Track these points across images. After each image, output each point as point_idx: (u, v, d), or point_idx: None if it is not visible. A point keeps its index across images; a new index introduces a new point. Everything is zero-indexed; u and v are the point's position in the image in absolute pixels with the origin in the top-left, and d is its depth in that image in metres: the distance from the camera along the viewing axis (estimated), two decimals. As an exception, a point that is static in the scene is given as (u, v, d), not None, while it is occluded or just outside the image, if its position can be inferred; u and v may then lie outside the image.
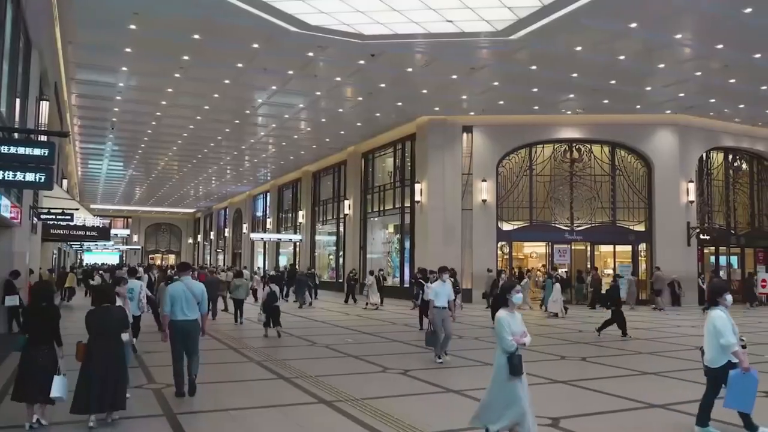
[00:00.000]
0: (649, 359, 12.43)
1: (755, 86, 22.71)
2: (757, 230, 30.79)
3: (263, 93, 24.38)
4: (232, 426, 7.28)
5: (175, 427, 7.13)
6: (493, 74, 21.88)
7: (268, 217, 51.96)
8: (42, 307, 7.21)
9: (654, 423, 7.66)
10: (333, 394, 8.73)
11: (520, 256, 31.08)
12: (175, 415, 7.60)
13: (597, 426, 7.36)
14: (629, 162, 28.15)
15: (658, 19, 16.88)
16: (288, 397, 8.69)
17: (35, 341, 7.00)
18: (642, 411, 8.10)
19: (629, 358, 12.76)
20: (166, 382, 9.26)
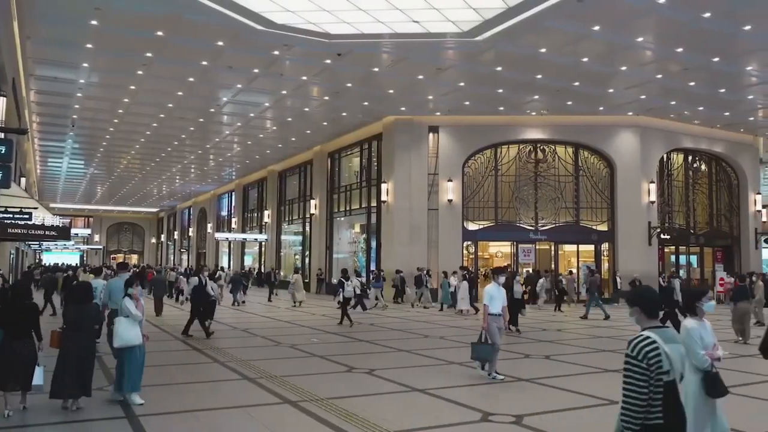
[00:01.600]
0: (612, 357, 12.63)
1: (713, 89, 23.26)
2: (716, 230, 31.55)
3: (228, 91, 24.14)
4: (196, 427, 7.19)
5: (136, 430, 7.02)
6: (459, 75, 22.01)
7: (233, 216, 51.50)
8: (24, 304, 7.89)
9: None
10: (298, 394, 8.68)
11: (485, 255, 31.31)
12: (137, 417, 7.48)
13: (560, 423, 7.44)
14: (592, 163, 28.58)
15: (620, 23, 17.17)
16: (253, 398, 8.62)
17: (16, 335, 7.61)
18: (604, 408, 8.23)
19: (593, 355, 12.95)
20: (128, 384, 9.13)
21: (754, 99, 24.88)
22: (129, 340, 8.16)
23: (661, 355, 3.68)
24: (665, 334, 3.81)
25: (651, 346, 3.69)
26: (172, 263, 64.75)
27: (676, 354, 3.79)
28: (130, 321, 8.27)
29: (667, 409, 3.68)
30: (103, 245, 75.96)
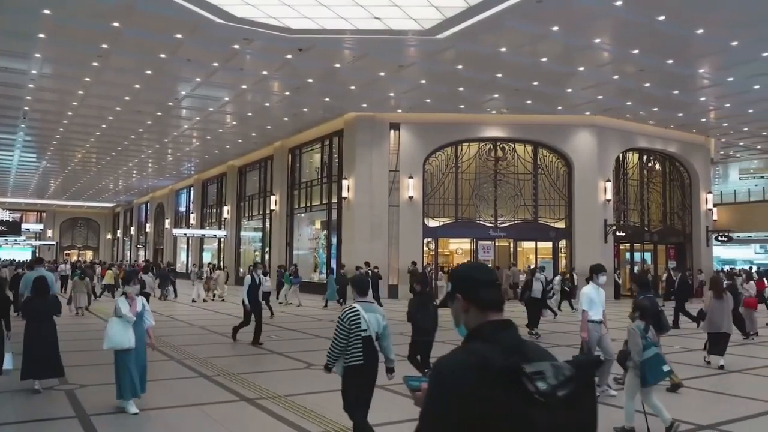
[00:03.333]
0: (567, 353, 12.84)
1: (668, 90, 23.82)
2: (669, 228, 32.35)
3: (187, 85, 23.77)
4: (150, 426, 7.07)
5: (87, 430, 6.87)
6: (420, 72, 22.09)
7: (191, 212, 50.75)
8: None
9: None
10: (256, 392, 8.62)
11: (445, 252, 31.54)
12: (88, 417, 7.32)
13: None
14: (551, 161, 29.01)
15: (577, 24, 17.45)
16: (209, 396, 8.52)
17: None
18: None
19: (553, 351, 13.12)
20: (79, 383, 8.94)
21: (706, 101, 25.58)
22: (118, 343, 7.58)
23: (360, 319, 5.77)
24: (367, 306, 5.93)
25: (353, 313, 5.81)
26: (128, 259, 63.52)
27: (373, 319, 5.86)
28: (122, 322, 7.67)
29: (365, 353, 5.78)
30: (56, 241, 73.98)
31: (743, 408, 8.28)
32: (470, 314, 2.09)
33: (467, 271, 2.23)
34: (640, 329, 6.77)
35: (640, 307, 7.17)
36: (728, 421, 7.47)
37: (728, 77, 22.05)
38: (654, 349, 6.69)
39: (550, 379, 1.72)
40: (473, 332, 2.03)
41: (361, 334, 5.76)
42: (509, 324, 2.02)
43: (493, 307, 2.08)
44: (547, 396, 1.70)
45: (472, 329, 2.05)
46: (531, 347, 2.00)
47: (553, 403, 1.70)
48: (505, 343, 1.93)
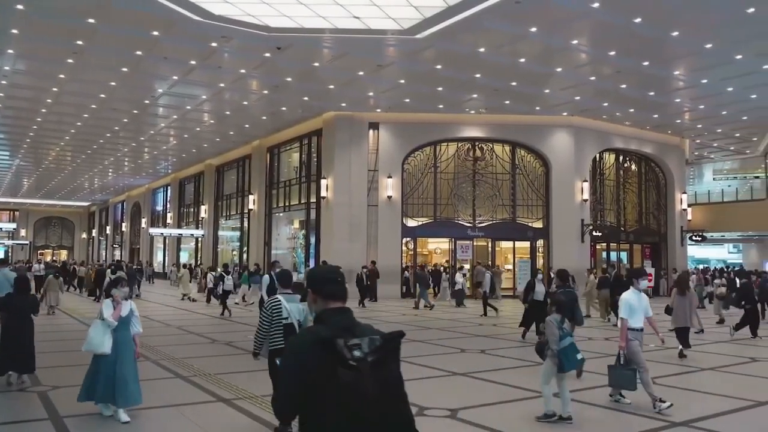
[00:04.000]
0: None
1: (644, 92, 24.10)
2: (645, 227, 32.73)
3: (164, 83, 23.52)
4: (125, 428, 6.98)
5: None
6: (399, 72, 22.10)
7: (168, 211, 50.29)
8: None
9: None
10: (233, 392, 8.56)
11: (424, 252, 31.60)
12: (62, 419, 7.21)
13: (493, 415, 7.58)
14: (528, 161, 29.19)
15: (555, 25, 17.58)
16: (186, 396, 8.44)
17: None
18: (538, 400, 8.41)
19: (526, 349, 13.22)
20: (52, 384, 8.82)
21: (681, 102, 25.92)
22: (95, 346, 7.24)
23: (282, 308, 6.55)
24: (289, 297, 6.71)
25: (275, 302, 6.66)
26: (104, 259, 62.78)
27: (294, 308, 6.58)
28: (103, 325, 7.32)
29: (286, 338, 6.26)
30: (29, 240, 72.83)
31: (717, 405, 8.39)
32: (318, 304, 2.78)
33: (315, 271, 2.99)
34: (557, 321, 7.36)
35: (556, 302, 7.72)
36: (701, 418, 7.57)
37: (702, 79, 22.37)
38: (569, 338, 7.34)
39: (364, 349, 2.42)
40: (317, 317, 2.75)
41: (282, 322, 6.53)
42: (345, 310, 2.73)
43: (332, 298, 2.76)
44: (359, 360, 2.40)
45: (317, 315, 2.75)
46: (360, 327, 2.64)
47: (363, 366, 2.40)
48: (338, 324, 2.60)
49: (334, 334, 2.49)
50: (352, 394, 2.39)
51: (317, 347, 2.46)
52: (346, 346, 2.42)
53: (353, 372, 2.40)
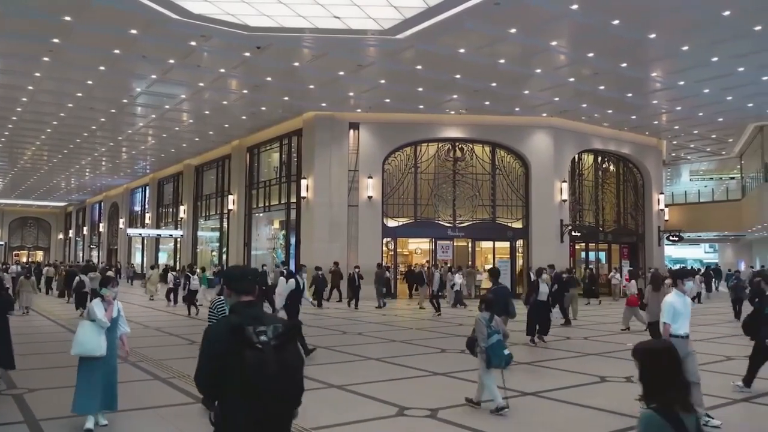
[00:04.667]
0: (520, 349, 13.01)
1: (622, 93, 24.34)
2: (623, 228, 33.07)
3: (142, 81, 23.29)
4: (104, 431, 6.90)
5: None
6: (379, 72, 22.10)
7: (147, 211, 49.84)
8: None
9: (524, 407, 8.03)
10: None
11: (404, 252, 31.64)
12: (38, 422, 7.11)
13: (473, 415, 7.59)
14: (508, 162, 29.35)
15: (535, 26, 17.68)
16: (164, 399, 8.36)
17: None
18: (515, 400, 8.46)
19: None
20: (28, 387, 8.69)
21: (658, 104, 26.22)
22: (89, 350, 6.91)
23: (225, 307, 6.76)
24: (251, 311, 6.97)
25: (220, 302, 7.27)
26: (81, 260, 62.03)
27: None
28: (94, 327, 6.98)
29: None
30: (5, 241, 71.79)
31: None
32: (232, 298, 3.43)
33: (230, 271, 3.69)
34: (486, 319, 7.76)
35: (485, 300, 8.07)
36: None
37: (679, 81, 22.65)
38: (497, 336, 7.69)
39: (269, 334, 3.10)
40: (231, 308, 3.41)
41: None
42: (254, 303, 3.39)
43: (244, 293, 3.40)
44: (264, 344, 3.06)
45: (231, 307, 3.42)
46: (266, 316, 3.30)
47: (267, 348, 3.05)
48: (248, 314, 3.25)
49: (244, 322, 3.13)
50: (256, 371, 3.03)
51: (229, 333, 3.09)
52: (255, 332, 3.10)
53: (258, 353, 3.05)
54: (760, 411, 8.26)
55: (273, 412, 3.15)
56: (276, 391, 3.09)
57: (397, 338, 14.76)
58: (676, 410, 2.71)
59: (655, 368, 2.83)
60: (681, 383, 2.80)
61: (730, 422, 7.38)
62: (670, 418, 2.67)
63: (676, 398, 2.74)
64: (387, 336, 15.19)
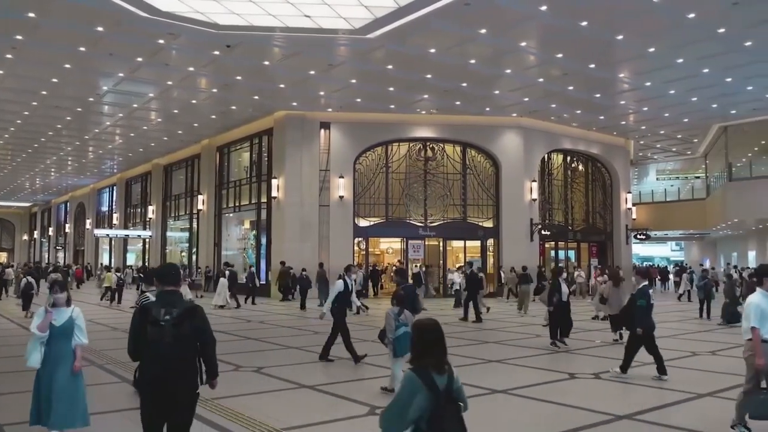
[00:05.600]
0: (489, 348, 13.09)
1: (590, 94, 24.66)
2: (591, 226, 33.51)
3: (109, 80, 22.94)
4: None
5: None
6: (350, 72, 22.06)
7: (114, 212, 49.09)
8: None
9: (494, 405, 8.08)
10: (181, 396, 8.37)
11: (376, 251, 31.65)
12: (2, 427, 6.94)
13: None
14: (479, 161, 29.54)
15: (505, 27, 17.83)
16: (132, 401, 8.21)
17: None
18: (486, 396, 8.51)
19: (476, 347, 13.36)
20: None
21: (625, 104, 26.63)
22: (28, 361, 6.45)
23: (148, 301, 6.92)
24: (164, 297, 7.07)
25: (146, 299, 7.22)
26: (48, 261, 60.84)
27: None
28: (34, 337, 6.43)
29: None
30: (-33, 242, 70.19)
31: (657, 398, 8.64)
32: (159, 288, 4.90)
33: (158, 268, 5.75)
34: (395, 313, 8.56)
35: (397, 297, 8.97)
36: (643, 411, 7.77)
37: (646, 82, 23.02)
38: (404, 328, 8.35)
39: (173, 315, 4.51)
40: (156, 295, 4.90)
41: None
42: (173, 292, 4.79)
43: (167, 284, 4.83)
44: (165, 321, 4.49)
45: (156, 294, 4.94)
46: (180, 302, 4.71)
47: (167, 325, 4.48)
48: (165, 300, 4.69)
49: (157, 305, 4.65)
50: (155, 340, 4.51)
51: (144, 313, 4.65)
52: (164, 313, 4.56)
53: (159, 328, 4.52)
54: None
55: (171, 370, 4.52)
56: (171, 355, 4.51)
57: (368, 338, 14.75)
58: (430, 371, 3.51)
59: (421, 339, 3.64)
60: (438, 352, 3.59)
61: (709, 417, 7.52)
62: (423, 376, 3.47)
63: (431, 362, 3.53)
64: (360, 336, 15.17)
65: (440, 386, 3.49)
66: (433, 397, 3.43)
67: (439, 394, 3.46)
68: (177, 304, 4.60)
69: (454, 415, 3.54)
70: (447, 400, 3.50)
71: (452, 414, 3.52)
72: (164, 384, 4.51)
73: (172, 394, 4.54)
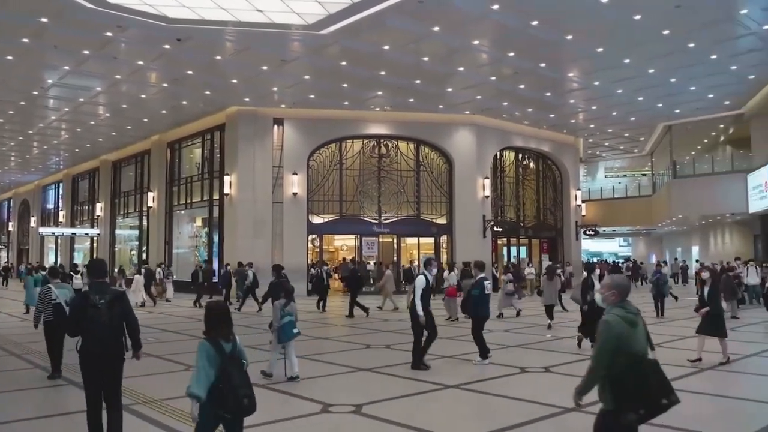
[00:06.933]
0: (444, 344, 13.21)
1: (541, 93, 25.07)
2: (542, 223, 34.10)
3: (54, 73, 22.25)
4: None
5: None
6: (303, 68, 21.92)
7: (60, 209, 47.69)
8: None
9: (447, 399, 8.16)
10: (131, 397, 8.20)
11: (330, 249, 31.55)
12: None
13: (397, 409, 7.65)
14: (432, 158, 29.73)
15: (457, 25, 17.97)
16: (79, 404, 8.00)
17: None
18: (438, 392, 8.58)
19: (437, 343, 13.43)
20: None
21: (575, 103, 27.17)
22: None
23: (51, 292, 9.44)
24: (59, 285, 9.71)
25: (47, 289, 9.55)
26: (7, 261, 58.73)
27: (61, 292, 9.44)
28: None
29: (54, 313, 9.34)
30: None
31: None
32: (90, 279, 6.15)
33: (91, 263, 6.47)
34: (282, 305, 9.43)
35: (286, 290, 9.87)
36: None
37: (594, 81, 23.53)
38: (288, 317, 9.33)
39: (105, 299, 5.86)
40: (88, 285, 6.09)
41: (52, 302, 9.36)
42: (103, 282, 6.07)
43: (97, 276, 6.08)
44: (100, 303, 5.82)
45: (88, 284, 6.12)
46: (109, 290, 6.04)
47: (102, 307, 5.81)
48: (96, 288, 5.93)
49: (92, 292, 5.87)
50: (94, 321, 5.74)
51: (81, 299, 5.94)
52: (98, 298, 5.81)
53: (96, 310, 5.76)
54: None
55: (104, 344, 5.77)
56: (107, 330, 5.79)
57: (322, 335, 14.71)
58: (219, 339, 4.71)
59: (209, 316, 4.80)
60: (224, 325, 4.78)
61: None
62: (213, 343, 4.68)
63: (219, 333, 4.73)
64: (313, 333, 15.12)
65: (227, 350, 4.70)
66: (221, 358, 4.65)
67: (225, 356, 4.67)
68: (107, 291, 5.96)
69: (240, 369, 4.73)
70: (232, 359, 4.71)
71: (238, 369, 4.71)
72: (103, 353, 5.76)
73: (109, 360, 5.80)
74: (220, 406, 4.64)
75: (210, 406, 4.65)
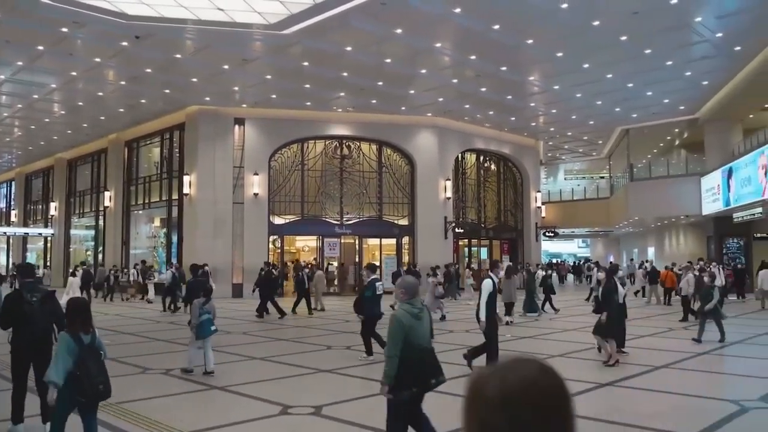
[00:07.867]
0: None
1: (502, 96, 25.34)
2: (503, 224, 34.46)
3: (6, 68, 21.63)
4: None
5: None
6: (265, 67, 21.75)
7: (12, 208, 46.37)
8: None
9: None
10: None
11: (292, 249, 31.36)
12: None
13: (358, 410, 7.64)
14: (395, 160, 29.79)
15: (419, 28, 18.05)
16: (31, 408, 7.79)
17: None
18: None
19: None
20: None
21: (535, 106, 27.54)
22: None
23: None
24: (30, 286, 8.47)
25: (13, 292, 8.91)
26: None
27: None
28: None
29: None
30: None
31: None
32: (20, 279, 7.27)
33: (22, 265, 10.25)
34: (201, 303, 9.88)
35: (205, 289, 10.29)
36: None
37: (554, 85, 23.89)
38: (206, 315, 9.82)
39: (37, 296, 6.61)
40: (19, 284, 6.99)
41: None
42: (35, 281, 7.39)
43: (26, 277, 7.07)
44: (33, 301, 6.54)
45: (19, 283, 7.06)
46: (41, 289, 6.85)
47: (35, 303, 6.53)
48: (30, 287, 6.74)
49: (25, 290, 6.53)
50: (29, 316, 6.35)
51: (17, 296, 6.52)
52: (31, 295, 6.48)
53: (30, 305, 6.40)
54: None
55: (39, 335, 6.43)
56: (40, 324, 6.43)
57: (282, 336, 14.61)
58: (78, 331, 5.24)
59: (73, 312, 5.39)
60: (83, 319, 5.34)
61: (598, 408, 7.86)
62: (73, 336, 5.20)
63: (78, 327, 5.27)
64: (273, 335, 15.01)
65: (85, 342, 5.25)
66: (79, 348, 5.17)
67: (84, 346, 5.21)
68: (38, 290, 6.71)
69: (97, 359, 5.29)
70: (90, 350, 5.25)
71: (95, 359, 5.27)
72: (35, 345, 6.42)
73: (40, 351, 6.40)
74: (79, 392, 5.14)
75: (68, 392, 5.13)
